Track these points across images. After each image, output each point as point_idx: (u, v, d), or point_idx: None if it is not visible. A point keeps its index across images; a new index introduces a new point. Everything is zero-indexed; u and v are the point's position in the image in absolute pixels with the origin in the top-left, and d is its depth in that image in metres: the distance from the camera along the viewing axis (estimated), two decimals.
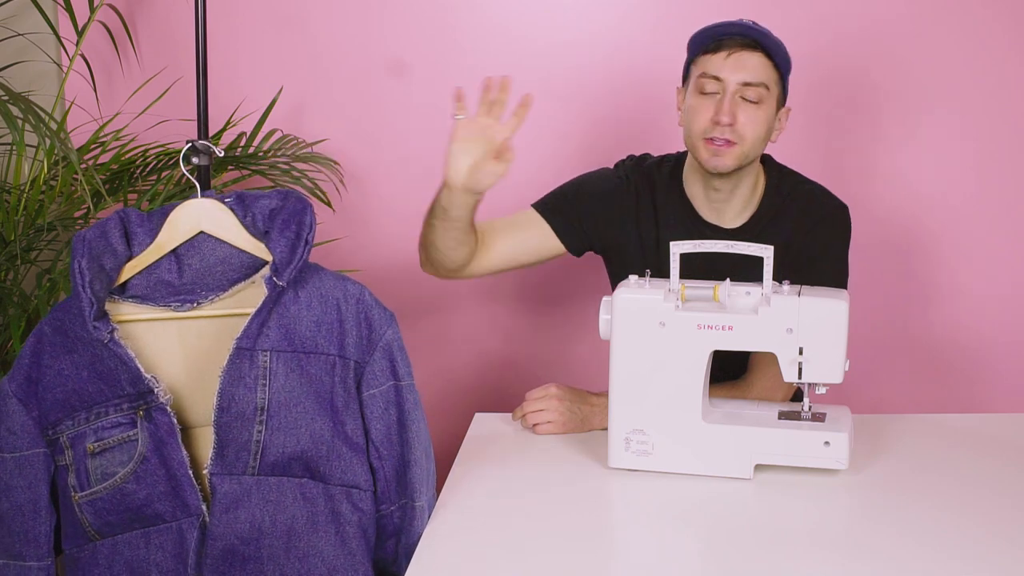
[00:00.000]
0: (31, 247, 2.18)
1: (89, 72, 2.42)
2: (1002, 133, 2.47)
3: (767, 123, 1.85)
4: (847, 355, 1.64)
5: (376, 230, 2.55)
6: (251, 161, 2.35)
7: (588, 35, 2.48)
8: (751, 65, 1.82)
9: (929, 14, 2.44)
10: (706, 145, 1.84)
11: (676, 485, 1.65)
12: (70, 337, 1.50)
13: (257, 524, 1.49)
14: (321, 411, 1.52)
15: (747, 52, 1.82)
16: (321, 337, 1.54)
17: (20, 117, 1.87)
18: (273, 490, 1.50)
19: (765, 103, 1.84)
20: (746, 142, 1.83)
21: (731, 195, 1.92)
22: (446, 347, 2.59)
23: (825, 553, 1.46)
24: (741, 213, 1.95)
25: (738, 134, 1.82)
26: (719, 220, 1.95)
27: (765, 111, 1.84)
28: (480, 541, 1.49)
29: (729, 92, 1.82)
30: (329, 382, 1.53)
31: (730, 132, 1.82)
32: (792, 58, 1.88)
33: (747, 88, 1.82)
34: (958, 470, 1.71)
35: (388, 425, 1.58)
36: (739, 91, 1.82)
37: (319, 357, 1.53)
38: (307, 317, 1.54)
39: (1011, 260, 2.51)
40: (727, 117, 1.80)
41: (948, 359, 2.54)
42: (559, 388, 1.85)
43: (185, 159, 1.63)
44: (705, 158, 1.85)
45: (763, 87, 1.83)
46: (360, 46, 2.50)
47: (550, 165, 2.46)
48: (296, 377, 1.51)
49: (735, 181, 1.90)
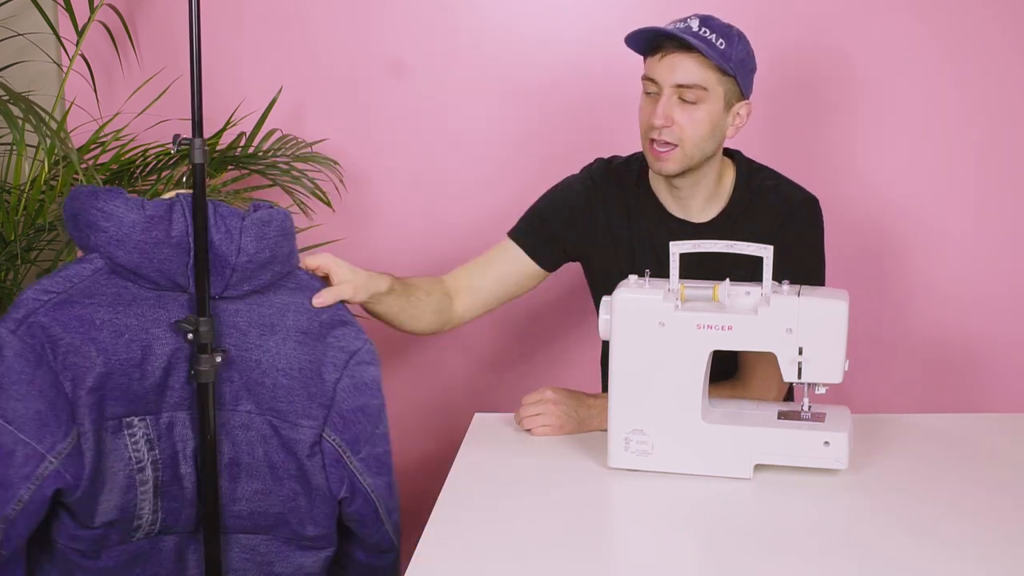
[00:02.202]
0: (31, 247, 2.18)
1: (89, 72, 2.42)
2: (1001, 131, 2.47)
3: (709, 122, 1.85)
4: (847, 355, 1.64)
5: (376, 230, 2.55)
6: (251, 161, 2.35)
7: (588, 35, 2.48)
8: (684, 67, 1.82)
9: (903, 13, 2.44)
10: (650, 149, 1.87)
11: (676, 485, 1.65)
12: None
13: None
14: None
15: (680, 54, 1.82)
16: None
17: (21, 117, 1.87)
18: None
19: (705, 103, 1.84)
20: (686, 143, 1.84)
21: (693, 191, 1.94)
22: (446, 347, 2.59)
23: (825, 553, 1.46)
24: (706, 207, 1.96)
25: (676, 135, 1.84)
26: (686, 215, 1.97)
27: (705, 110, 1.84)
28: (480, 541, 1.49)
29: (665, 94, 1.83)
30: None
31: (668, 133, 1.84)
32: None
33: (682, 89, 1.83)
34: (958, 470, 1.71)
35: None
36: (675, 92, 1.83)
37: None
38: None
39: (1011, 259, 2.51)
40: (660, 119, 1.83)
41: (948, 359, 2.54)
42: (555, 391, 1.85)
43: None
44: (651, 161, 1.88)
45: (699, 88, 1.83)
46: (360, 46, 2.50)
47: (551, 165, 2.47)
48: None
49: (693, 179, 1.91)
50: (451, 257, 2.57)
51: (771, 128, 2.43)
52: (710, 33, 1.81)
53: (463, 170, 2.54)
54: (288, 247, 1.63)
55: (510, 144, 2.53)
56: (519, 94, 2.51)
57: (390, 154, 2.54)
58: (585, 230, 2.01)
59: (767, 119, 2.38)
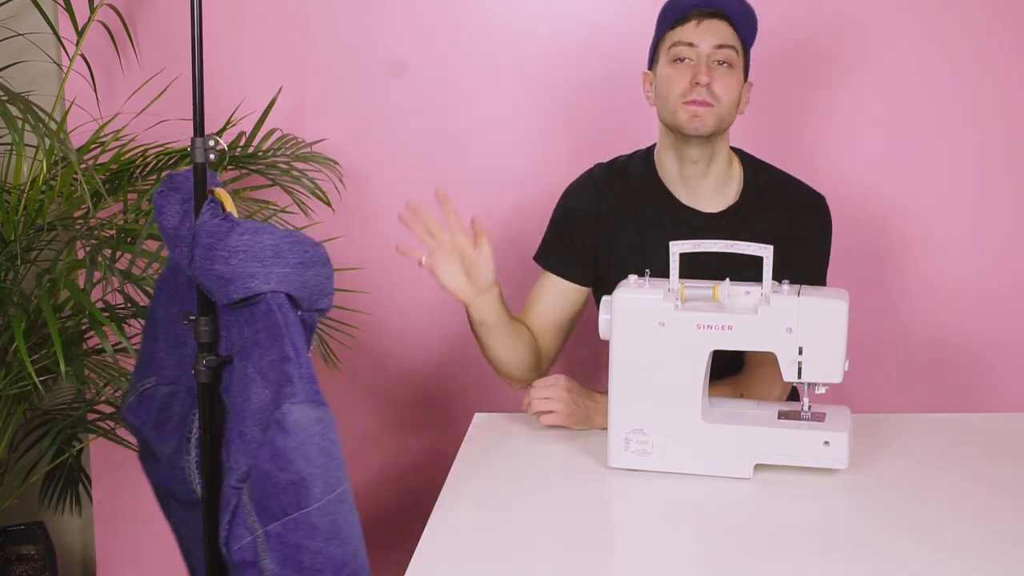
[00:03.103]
0: (31, 247, 2.18)
1: (89, 72, 2.42)
2: (1001, 131, 2.48)
3: (738, 88, 1.91)
4: (847, 355, 1.64)
5: (375, 230, 2.54)
6: (250, 161, 2.35)
7: (589, 35, 2.48)
8: (721, 30, 1.89)
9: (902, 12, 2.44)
10: (685, 107, 1.88)
11: (676, 485, 1.65)
12: None
13: None
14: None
15: (714, 20, 1.89)
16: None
17: (20, 117, 1.87)
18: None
19: (736, 68, 1.90)
20: (722, 104, 1.88)
21: (707, 169, 1.94)
22: (446, 347, 2.59)
23: (825, 553, 1.46)
24: (716, 195, 1.97)
25: (715, 95, 1.87)
26: (696, 203, 1.97)
27: (736, 76, 1.90)
28: (480, 540, 1.49)
29: (704, 56, 1.87)
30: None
31: (707, 93, 1.86)
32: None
33: (720, 51, 1.87)
34: (957, 469, 1.71)
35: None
36: (712, 54, 1.87)
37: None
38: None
39: (1012, 259, 2.51)
40: (705, 77, 1.85)
41: (948, 359, 2.54)
42: (568, 380, 1.86)
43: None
44: (685, 120, 1.88)
45: (733, 50, 1.89)
46: (360, 46, 2.50)
47: (551, 165, 2.47)
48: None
49: (710, 151, 1.93)
50: None
51: (771, 128, 2.43)
52: (740, 6, 1.90)
53: (463, 170, 2.54)
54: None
55: (510, 144, 2.53)
56: (519, 94, 2.51)
57: (390, 154, 2.54)
58: (597, 237, 2.02)
59: (767, 118, 2.38)
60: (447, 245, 1.84)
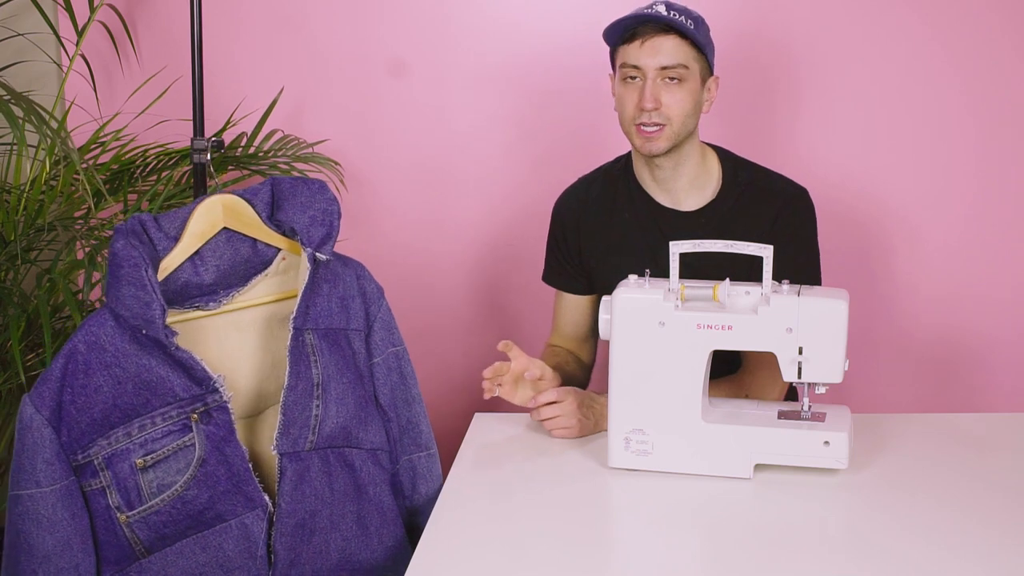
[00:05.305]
0: (31, 247, 2.18)
1: (89, 72, 2.42)
2: (1001, 131, 2.48)
3: (692, 98, 1.90)
4: (847, 355, 1.64)
5: (376, 230, 2.55)
6: (251, 161, 2.36)
7: (588, 35, 2.47)
8: (666, 49, 1.87)
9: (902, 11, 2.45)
10: (637, 132, 1.90)
11: (676, 485, 1.65)
12: (108, 351, 1.49)
13: (319, 496, 1.56)
14: (356, 382, 1.62)
15: (660, 37, 1.87)
16: (343, 313, 1.63)
17: (22, 117, 1.87)
18: (328, 461, 1.57)
19: (687, 81, 1.89)
20: (674, 122, 1.89)
21: (675, 172, 1.96)
22: (445, 347, 2.59)
23: (825, 552, 1.46)
24: (693, 194, 1.98)
25: (665, 116, 1.88)
26: (674, 203, 1.99)
27: (688, 88, 1.89)
28: (480, 540, 1.49)
29: (649, 78, 1.87)
30: (353, 354, 1.63)
31: (657, 115, 1.88)
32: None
33: (666, 71, 1.87)
34: (958, 469, 1.71)
35: (392, 388, 1.69)
36: (659, 75, 1.87)
37: (345, 332, 1.63)
38: (331, 294, 1.62)
39: (1011, 259, 2.51)
40: (650, 102, 1.86)
41: (947, 359, 2.54)
42: (576, 395, 1.83)
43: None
44: (639, 144, 1.91)
45: (681, 67, 1.88)
46: (360, 46, 2.50)
47: (550, 165, 2.47)
48: (335, 352, 1.60)
49: (675, 158, 1.94)
50: (451, 256, 2.58)
51: (771, 127, 2.43)
52: (679, 15, 1.87)
53: (463, 170, 2.54)
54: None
55: (510, 144, 2.53)
56: (518, 94, 2.51)
57: (390, 154, 2.54)
58: (581, 237, 2.05)
59: (766, 119, 2.38)
60: (509, 379, 1.85)
